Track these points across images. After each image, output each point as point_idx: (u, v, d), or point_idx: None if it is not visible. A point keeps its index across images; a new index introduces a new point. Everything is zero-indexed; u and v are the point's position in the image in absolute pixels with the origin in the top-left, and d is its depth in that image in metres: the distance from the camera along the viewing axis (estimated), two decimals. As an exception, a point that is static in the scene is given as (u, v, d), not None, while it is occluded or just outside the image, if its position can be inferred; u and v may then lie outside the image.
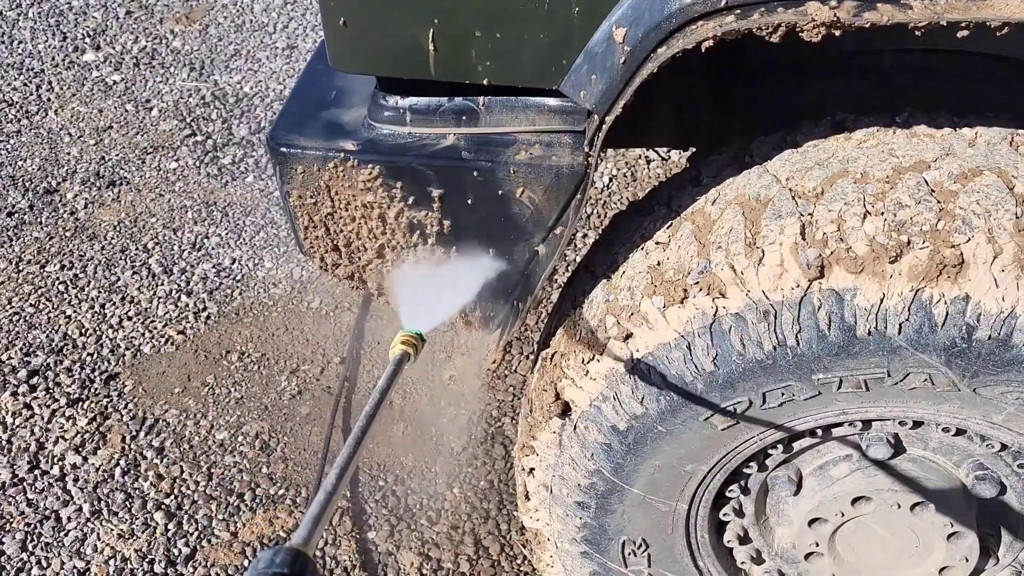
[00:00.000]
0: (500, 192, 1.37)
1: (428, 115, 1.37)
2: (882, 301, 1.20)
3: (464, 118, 1.36)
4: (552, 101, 1.33)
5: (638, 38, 1.16)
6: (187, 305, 2.96)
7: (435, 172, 1.37)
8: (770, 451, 1.49)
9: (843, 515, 1.49)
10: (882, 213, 1.22)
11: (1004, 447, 1.40)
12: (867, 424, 1.42)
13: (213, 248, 3.18)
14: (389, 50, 1.28)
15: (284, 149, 1.40)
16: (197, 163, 3.56)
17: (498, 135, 1.36)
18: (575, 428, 1.48)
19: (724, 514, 1.60)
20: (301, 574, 0.76)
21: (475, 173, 1.36)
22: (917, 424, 1.40)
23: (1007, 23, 1.01)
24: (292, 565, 0.76)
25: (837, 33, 1.05)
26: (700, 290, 1.30)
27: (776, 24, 1.06)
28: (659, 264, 1.37)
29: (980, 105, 1.45)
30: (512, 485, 2.39)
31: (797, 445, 1.49)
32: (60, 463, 2.46)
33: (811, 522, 1.51)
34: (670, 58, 1.13)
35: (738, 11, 1.09)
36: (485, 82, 1.29)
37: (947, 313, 1.18)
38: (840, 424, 1.41)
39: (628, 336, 1.37)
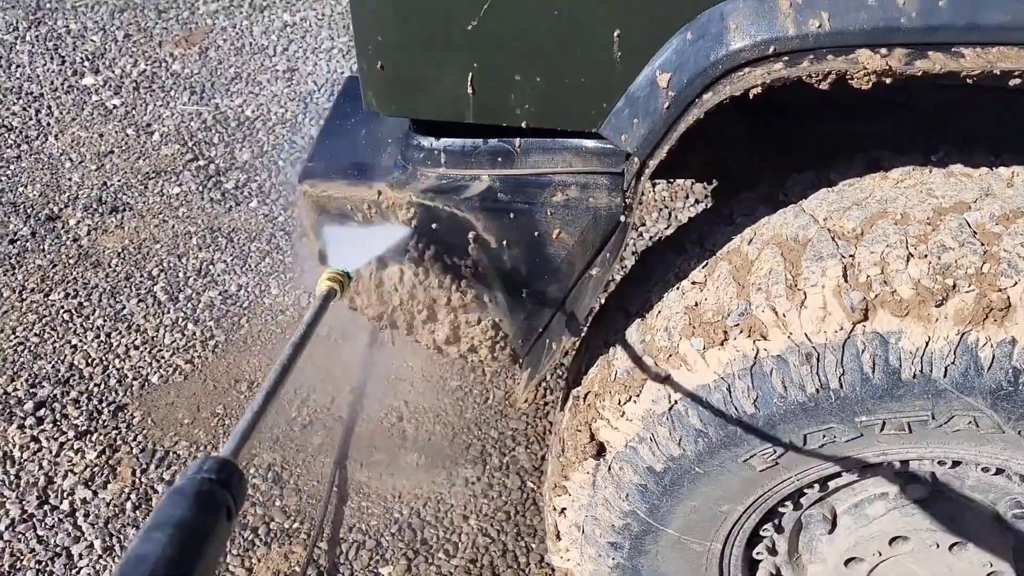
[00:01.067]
0: (536, 233, 1.36)
1: (463, 156, 1.36)
2: (927, 344, 1.19)
3: (499, 159, 1.35)
4: (589, 143, 1.32)
5: (683, 83, 1.15)
6: (194, 333, 2.93)
7: (470, 213, 1.36)
8: (805, 490, 1.48)
9: (880, 555, 1.47)
10: (925, 256, 1.21)
11: (1043, 486, 1.40)
12: (905, 463, 1.42)
13: (219, 274, 3.16)
14: (427, 93, 1.27)
15: (317, 191, 1.38)
16: (200, 188, 3.54)
17: (533, 176, 1.35)
18: (610, 469, 1.46)
19: (757, 553, 1.59)
20: (228, 480, 0.80)
21: (511, 215, 1.35)
22: (956, 463, 1.39)
23: (1062, 72, 1.01)
24: (219, 472, 0.80)
25: (888, 81, 1.05)
26: (741, 332, 1.29)
27: (827, 72, 1.06)
28: (697, 305, 1.36)
29: (1012, 140, 1.45)
30: (528, 516, 2.38)
31: (832, 483, 1.48)
32: (70, 498, 2.42)
33: (847, 561, 1.50)
34: (717, 104, 1.12)
35: (786, 58, 1.09)
36: (523, 125, 1.28)
37: (993, 356, 1.18)
38: (879, 464, 1.41)
39: (666, 377, 1.36)
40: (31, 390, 2.72)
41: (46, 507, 2.40)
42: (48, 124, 3.88)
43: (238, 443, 0.87)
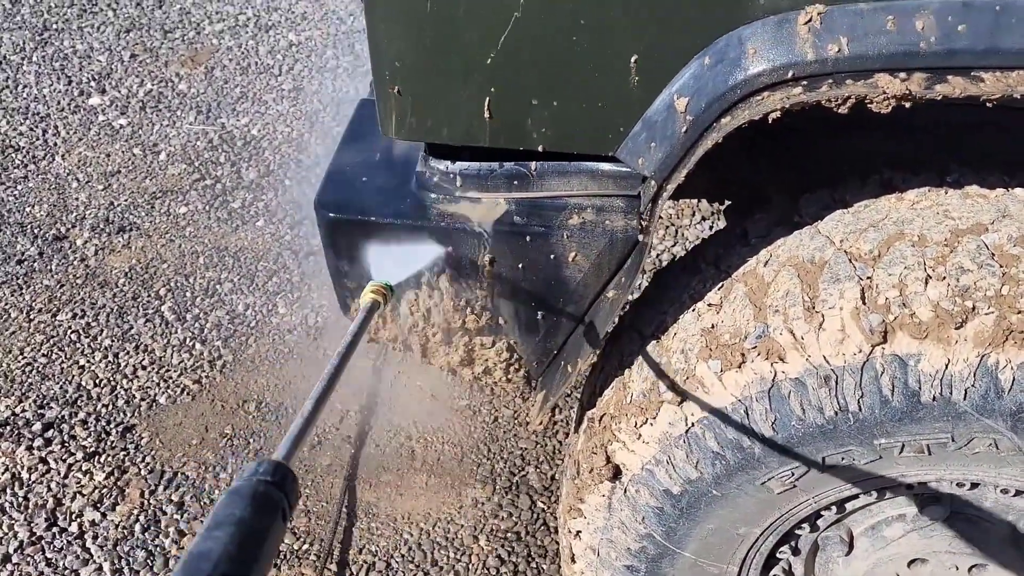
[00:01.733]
0: (552, 256, 1.36)
1: (479, 180, 1.36)
2: (947, 367, 1.19)
3: (515, 183, 1.35)
4: (605, 166, 1.32)
5: (701, 108, 1.15)
6: (202, 353, 2.93)
7: (486, 237, 1.35)
8: (823, 512, 1.47)
9: (899, 577, 1.47)
10: (944, 278, 1.21)
11: (1062, 507, 1.39)
12: (923, 485, 1.41)
13: (226, 294, 3.16)
14: (443, 118, 1.27)
15: (333, 215, 1.38)
16: (207, 207, 3.55)
17: (549, 200, 1.35)
18: (626, 491, 1.46)
19: (773, 575, 1.58)
20: (282, 482, 0.84)
21: (527, 238, 1.35)
22: (975, 485, 1.39)
23: (1082, 95, 1.02)
24: (274, 474, 0.84)
25: (907, 105, 1.05)
26: (758, 354, 1.29)
27: (846, 96, 1.06)
28: (713, 327, 1.36)
29: (1020, 157, 1.46)
30: (539, 536, 2.37)
31: (850, 505, 1.47)
32: (78, 520, 2.41)
33: (865, 584, 1.50)
34: (735, 128, 1.12)
35: (805, 83, 1.09)
36: (540, 149, 1.28)
37: (1014, 379, 1.17)
38: (896, 486, 1.40)
39: (683, 400, 1.36)
40: (39, 411, 2.71)
41: (55, 529, 2.39)
42: (55, 144, 3.89)
43: (290, 447, 0.91)
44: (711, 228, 3.34)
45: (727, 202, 1.98)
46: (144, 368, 2.87)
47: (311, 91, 4.22)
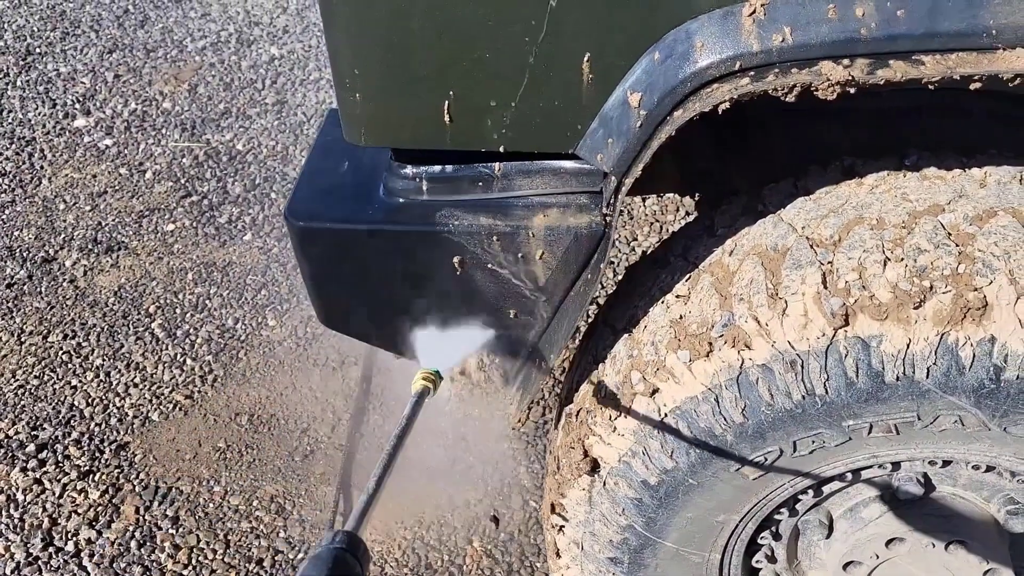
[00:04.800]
0: (519, 255, 1.38)
1: (444, 183, 1.38)
2: (908, 346, 1.21)
3: (480, 184, 1.37)
4: (567, 164, 1.34)
5: (653, 102, 1.17)
6: (193, 369, 2.94)
7: (454, 239, 1.37)
8: (800, 496, 1.49)
9: (878, 557, 1.48)
10: (902, 259, 1.23)
11: (1034, 481, 1.41)
12: (896, 465, 1.43)
13: (215, 309, 3.18)
14: (405, 123, 1.30)
15: (303, 223, 1.40)
16: (194, 224, 3.57)
17: (515, 199, 1.37)
18: (605, 484, 1.47)
19: (756, 561, 1.60)
20: (355, 550, 0.97)
21: (494, 238, 1.37)
22: (946, 463, 1.41)
23: (1020, 75, 1.03)
24: (347, 543, 0.97)
25: (852, 91, 1.07)
26: (725, 343, 1.31)
27: (792, 85, 1.08)
28: (681, 318, 1.38)
29: (981, 140, 1.47)
30: (532, 535, 2.38)
31: (827, 488, 1.49)
32: (75, 538, 2.43)
33: (846, 565, 1.51)
34: (687, 121, 1.14)
35: (752, 73, 1.11)
36: (501, 149, 1.30)
37: (974, 355, 1.19)
38: (870, 467, 1.42)
39: (655, 391, 1.37)
40: (32, 433, 2.73)
41: (51, 549, 2.40)
42: (41, 167, 3.92)
43: (359, 520, 1.06)
44: (695, 223, 3.36)
45: (697, 195, 2.00)
46: (136, 385, 2.89)
47: (294, 104, 4.25)
